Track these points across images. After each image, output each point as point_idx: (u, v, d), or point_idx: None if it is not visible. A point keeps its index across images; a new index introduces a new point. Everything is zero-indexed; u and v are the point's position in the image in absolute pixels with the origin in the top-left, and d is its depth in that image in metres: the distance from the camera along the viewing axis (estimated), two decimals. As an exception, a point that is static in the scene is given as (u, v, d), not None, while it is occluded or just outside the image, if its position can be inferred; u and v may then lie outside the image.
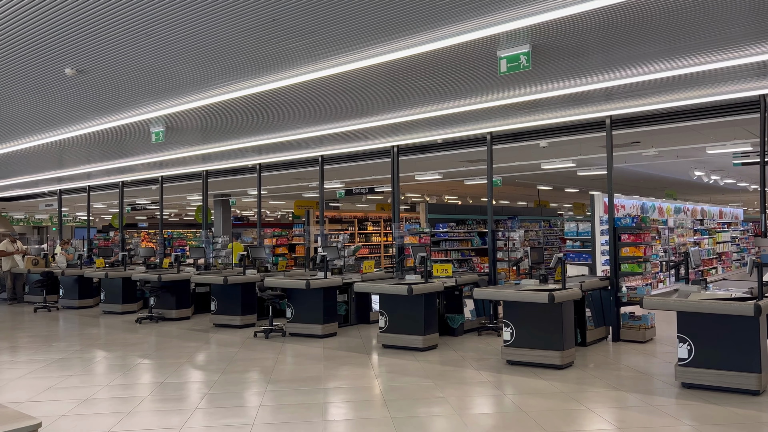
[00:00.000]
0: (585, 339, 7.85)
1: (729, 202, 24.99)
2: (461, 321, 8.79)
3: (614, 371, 6.62)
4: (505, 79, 6.64)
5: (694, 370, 5.77)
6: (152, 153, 11.89)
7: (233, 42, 5.42)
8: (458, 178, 16.61)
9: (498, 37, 5.32)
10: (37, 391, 6.06)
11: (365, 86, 6.95)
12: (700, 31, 5.32)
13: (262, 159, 12.81)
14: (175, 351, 8.04)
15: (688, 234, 15.12)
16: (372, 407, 5.41)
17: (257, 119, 8.71)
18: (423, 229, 11.60)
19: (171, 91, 7.07)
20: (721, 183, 17.45)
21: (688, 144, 10.87)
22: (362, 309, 10.07)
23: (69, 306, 12.72)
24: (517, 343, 6.83)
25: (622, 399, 5.57)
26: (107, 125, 8.76)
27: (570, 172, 14.67)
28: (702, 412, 5.12)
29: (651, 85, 7.04)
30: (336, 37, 5.32)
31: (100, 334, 9.52)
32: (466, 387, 6.03)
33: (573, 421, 4.95)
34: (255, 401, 5.62)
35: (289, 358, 7.49)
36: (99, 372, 6.93)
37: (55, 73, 6.30)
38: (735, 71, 6.49)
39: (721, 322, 5.65)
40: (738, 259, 18.12)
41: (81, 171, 14.53)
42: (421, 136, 10.20)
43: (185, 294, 10.97)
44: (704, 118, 8.21)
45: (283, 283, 8.92)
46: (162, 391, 6.03)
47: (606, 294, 8.30)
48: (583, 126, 9.11)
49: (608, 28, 5.19)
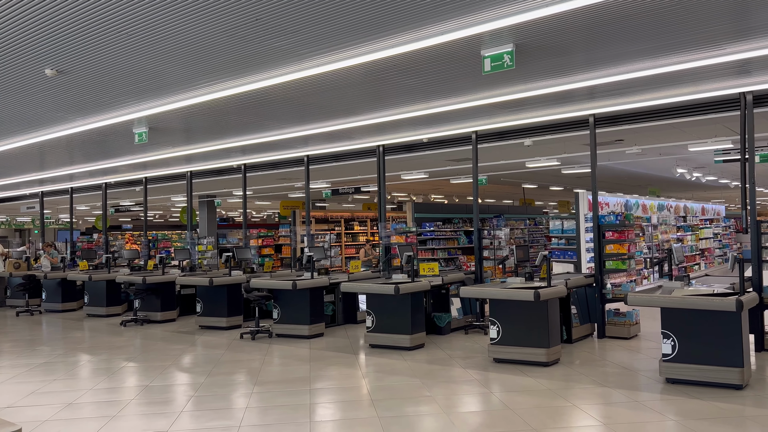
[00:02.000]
0: (571, 336, 7.91)
1: (711, 199, 25.31)
2: (448, 320, 8.81)
3: (600, 368, 6.67)
4: (489, 78, 6.66)
5: (678, 366, 5.83)
6: (136, 154, 11.78)
7: (216, 41, 5.38)
8: (444, 177, 16.65)
9: (481, 37, 5.34)
10: (19, 396, 5.98)
11: (350, 86, 6.94)
12: (682, 30, 5.37)
13: (248, 159, 12.74)
14: (160, 353, 7.97)
15: (671, 231, 15.28)
16: (359, 407, 5.40)
17: (242, 119, 8.67)
18: (409, 229, 11.62)
19: (154, 91, 7.01)
20: (703, 180, 17.68)
21: (671, 142, 10.99)
22: (349, 309, 10.05)
23: (52, 309, 12.56)
24: (504, 341, 6.86)
25: (608, 395, 5.61)
26: (89, 126, 8.66)
27: (555, 170, 14.76)
28: (686, 407, 5.17)
29: (634, 84, 7.10)
30: (320, 36, 5.30)
31: (85, 338, 9.41)
32: (453, 385, 6.05)
33: (559, 418, 4.98)
34: (242, 403, 5.59)
35: (276, 359, 7.46)
36: (83, 376, 6.85)
37: (34, 73, 6.21)
38: (716, 69, 6.57)
39: (704, 318, 5.71)
40: (720, 255, 18.35)
41: (63, 173, 14.36)
42: (406, 135, 10.20)
43: (170, 296, 10.89)
44: (686, 116, 8.30)
45: (269, 283, 8.88)
46: (147, 395, 5.97)
47: (591, 291, 8.36)
48: (567, 124, 9.17)
49: (591, 27, 5.23)
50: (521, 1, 4.67)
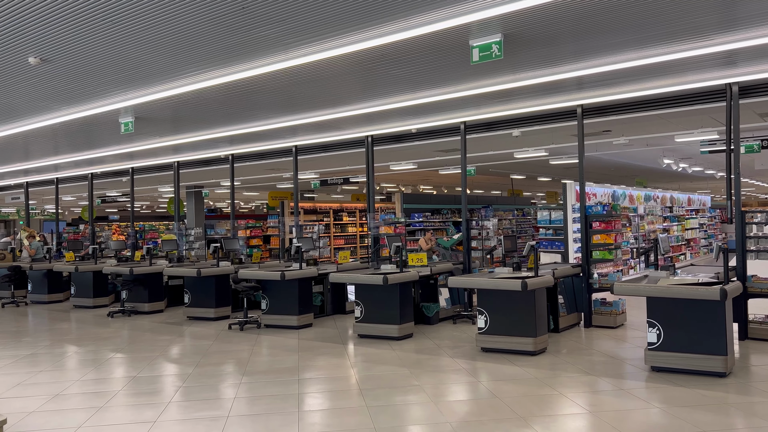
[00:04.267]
0: (558, 325, 7.97)
1: (697, 190, 25.54)
2: (436, 309, 8.85)
3: (586, 356, 6.73)
4: (477, 68, 6.66)
5: (663, 354, 5.90)
6: (122, 144, 11.66)
7: (203, 30, 5.32)
8: (433, 167, 16.65)
9: (470, 26, 5.32)
10: (5, 388, 5.93)
11: (338, 75, 6.90)
12: (670, 21, 5.39)
13: (235, 149, 12.67)
14: (148, 344, 7.94)
15: (657, 221, 15.42)
16: (348, 396, 5.42)
17: (229, 109, 8.60)
18: (398, 219, 11.63)
19: (140, 80, 6.93)
20: (689, 171, 17.82)
21: (658, 132, 11.06)
22: (338, 299, 10.06)
23: (38, 301, 12.46)
24: (492, 330, 6.90)
25: (594, 383, 5.67)
26: (74, 116, 8.56)
27: (543, 161, 14.81)
28: (671, 395, 5.24)
29: (621, 74, 7.13)
30: (307, 25, 5.26)
31: (71, 329, 9.35)
32: (441, 375, 6.08)
33: (546, 406, 5.03)
34: (230, 393, 5.59)
35: (264, 350, 7.46)
36: (70, 367, 6.81)
37: (17, 61, 6.12)
38: (703, 60, 6.60)
39: (688, 307, 5.78)
40: (706, 245, 18.55)
41: (48, 163, 14.19)
42: (395, 125, 10.18)
43: (158, 287, 10.83)
44: (673, 107, 8.35)
45: (257, 274, 8.85)
46: (135, 386, 5.95)
47: (578, 281, 8.42)
48: (555, 115, 9.19)
49: (579, 17, 5.23)
50: (509, -9, 4.66)
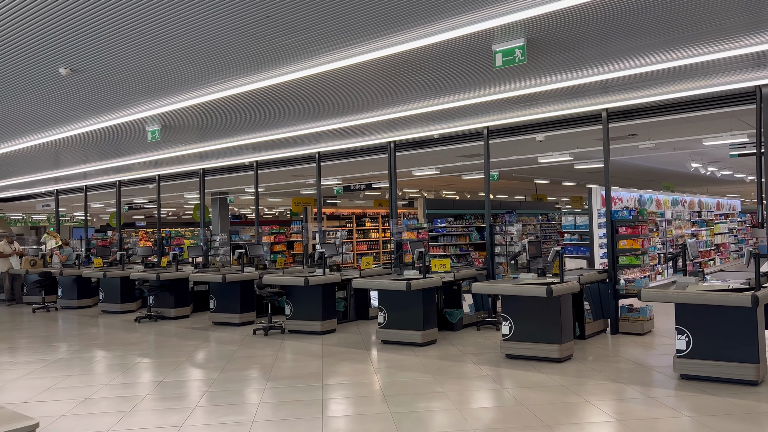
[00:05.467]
0: (584, 332, 7.87)
1: (726, 194, 25.03)
2: (460, 316, 8.80)
3: (613, 364, 6.63)
4: (500, 73, 6.63)
5: (692, 362, 5.78)
6: (149, 152, 11.86)
7: (228, 39, 5.40)
8: (456, 173, 16.60)
9: (493, 31, 5.31)
10: (36, 392, 6.06)
11: (361, 82, 6.94)
12: (696, 23, 5.31)
13: (259, 156, 12.79)
14: (174, 349, 8.04)
15: (685, 226, 15.14)
16: (372, 403, 5.41)
17: (253, 116, 8.69)
18: (421, 225, 11.60)
19: (166, 89, 7.05)
20: (718, 174, 17.46)
21: (685, 136, 10.87)
22: (361, 305, 10.07)
23: (68, 306, 12.71)
24: (516, 337, 6.84)
25: (621, 391, 5.58)
26: (103, 124, 8.73)
27: (567, 165, 14.66)
28: (700, 403, 5.13)
29: (647, 78, 7.03)
30: (330, 32, 5.30)
31: (99, 334, 9.51)
32: (465, 381, 6.04)
33: (573, 414, 4.96)
34: (255, 398, 5.63)
35: (288, 355, 7.49)
36: (98, 371, 6.93)
37: (49, 72, 6.27)
38: (731, 62, 6.48)
39: (718, 314, 5.66)
40: (736, 251, 18.15)
41: (78, 171, 14.49)
42: (417, 131, 10.18)
43: (184, 292, 10.97)
44: (700, 110, 8.20)
45: (281, 280, 8.92)
46: (162, 390, 6.03)
47: (604, 287, 8.31)
48: (580, 119, 9.10)
49: (603, 20, 5.18)
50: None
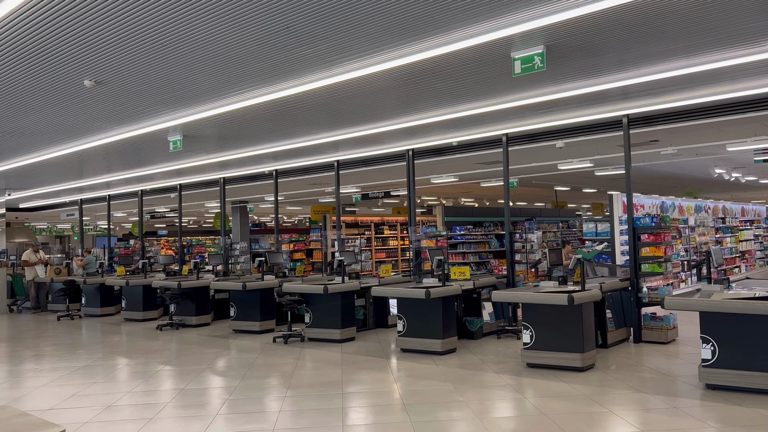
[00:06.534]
0: (606, 341, 7.77)
1: (751, 200, 24.58)
2: (480, 324, 8.75)
3: (636, 373, 6.54)
4: (519, 80, 6.62)
5: (718, 371, 5.67)
6: (170, 161, 12.02)
7: (248, 50, 5.47)
8: (474, 180, 16.54)
9: (512, 39, 5.31)
10: (61, 399, 6.15)
11: (379, 91, 6.97)
12: (717, 28, 5.26)
13: (279, 165, 12.89)
14: (195, 357, 8.10)
15: (709, 233, 14.90)
16: (391, 412, 5.40)
17: (273, 126, 8.77)
18: (440, 232, 11.58)
19: (188, 99, 7.16)
20: (742, 180, 17.17)
21: (708, 141, 10.71)
22: (380, 313, 10.06)
23: (91, 314, 12.89)
24: (537, 345, 6.78)
25: (645, 401, 5.50)
26: (126, 135, 8.88)
27: (587, 172, 14.53)
28: (727, 414, 5.03)
29: (668, 83, 6.96)
30: (348, 42, 5.34)
31: (122, 342, 9.63)
32: (486, 390, 6.00)
33: (595, 424, 4.90)
34: (275, 407, 5.65)
35: (308, 363, 7.51)
36: (121, 379, 7.01)
37: (74, 84, 6.41)
38: (753, 67, 6.40)
39: (745, 322, 5.55)
40: (762, 258, 17.80)
41: (101, 180, 14.74)
42: (436, 139, 10.19)
43: (205, 300, 11.06)
44: (723, 115, 8.10)
45: (301, 288, 8.95)
46: (183, 398, 6.08)
47: (626, 295, 8.20)
48: (600, 125, 9.03)
49: (623, 26, 5.15)
50: (552, 3, 4.63)
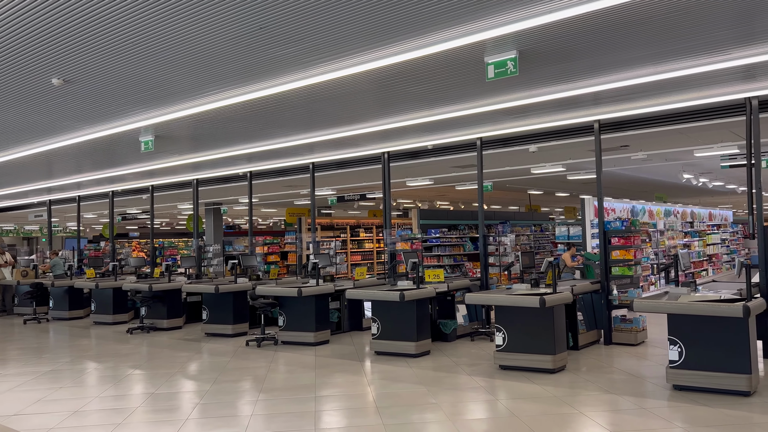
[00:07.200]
0: (577, 342, 7.87)
1: (718, 205, 25.18)
2: (454, 326, 8.79)
3: (606, 374, 6.63)
4: (493, 84, 6.67)
5: (685, 372, 5.79)
6: (142, 162, 11.84)
7: (221, 50, 5.41)
8: (449, 183, 16.64)
9: (485, 43, 5.35)
10: (26, 404, 5.99)
11: (355, 93, 6.96)
12: (687, 35, 5.37)
13: (253, 167, 12.79)
14: (166, 361, 7.98)
15: (678, 236, 15.22)
16: (365, 414, 5.39)
17: (248, 127, 8.70)
18: (415, 235, 11.60)
19: (160, 99, 7.06)
20: (710, 185, 17.58)
21: (677, 147, 10.95)
22: (355, 316, 10.04)
23: (59, 317, 12.61)
24: (510, 347, 6.83)
25: (615, 402, 5.58)
26: (96, 135, 8.72)
27: (560, 176, 14.73)
28: (693, 414, 5.13)
29: (639, 89, 7.09)
30: (324, 44, 5.33)
31: (91, 345, 9.44)
32: (459, 393, 6.03)
33: (566, 425, 4.95)
34: (247, 410, 5.59)
35: (281, 367, 7.46)
36: (90, 383, 6.87)
37: (41, 83, 6.27)
38: (721, 75, 6.55)
39: (710, 324, 5.67)
40: (728, 261, 18.24)
41: (71, 181, 14.44)
42: (411, 142, 10.22)
43: (177, 303, 10.91)
44: (692, 121, 8.27)
45: (275, 291, 8.89)
46: (154, 402, 5.98)
47: (597, 297, 8.32)
48: (572, 130, 9.15)
49: (595, 33, 5.23)
50: (525, 8, 4.68)
